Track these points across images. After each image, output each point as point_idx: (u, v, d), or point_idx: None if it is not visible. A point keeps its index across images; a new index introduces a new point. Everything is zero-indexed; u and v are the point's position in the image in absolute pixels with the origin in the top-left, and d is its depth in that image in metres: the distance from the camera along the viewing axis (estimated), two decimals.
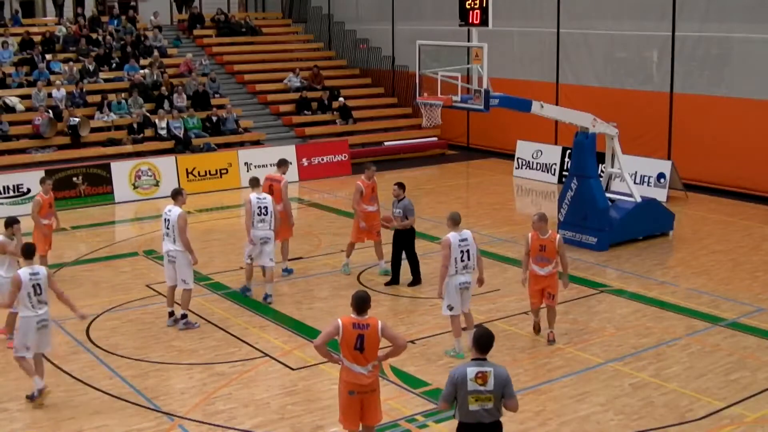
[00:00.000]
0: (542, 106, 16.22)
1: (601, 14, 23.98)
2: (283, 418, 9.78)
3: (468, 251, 11.30)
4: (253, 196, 13.61)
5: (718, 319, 12.83)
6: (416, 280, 14.46)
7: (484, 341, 7.23)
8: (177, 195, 12.75)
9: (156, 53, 27.85)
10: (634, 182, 18.99)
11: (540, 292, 11.85)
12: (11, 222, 12.13)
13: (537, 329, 12.19)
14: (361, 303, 8.04)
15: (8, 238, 11.91)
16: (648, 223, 17.28)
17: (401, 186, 14.26)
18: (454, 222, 11.44)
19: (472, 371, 7.13)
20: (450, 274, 11.25)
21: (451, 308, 11.37)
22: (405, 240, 14.36)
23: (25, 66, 25.63)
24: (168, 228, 12.43)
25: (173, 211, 12.44)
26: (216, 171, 22.89)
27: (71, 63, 25.51)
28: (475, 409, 7.13)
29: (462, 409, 7.18)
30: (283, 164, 15.23)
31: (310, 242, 17.13)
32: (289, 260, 15.59)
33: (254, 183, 13.90)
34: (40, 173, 20.53)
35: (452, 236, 11.27)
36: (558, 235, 11.84)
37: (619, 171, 17.36)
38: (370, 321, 8.02)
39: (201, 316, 12.98)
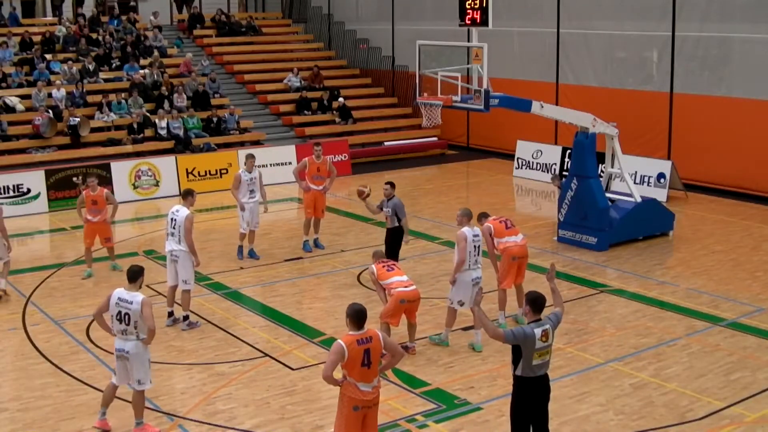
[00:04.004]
0: (542, 106, 16.21)
1: (601, 14, 23.97)
2: (283, 418, 9.78)
3: (478, 246, 11.53)
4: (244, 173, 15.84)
5: (718, 319, 12.82)
6: None
7: (539, 303, 7.96)
8: (187, 195, 12.81)
9: (156, 53, 27.84)
10: (634, 182, 18.99)
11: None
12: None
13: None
14: (362, 316, 7.83)
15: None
16: (648, 223, 17.27)
17: (392, 185, 14.02)
18: (469, 217, 11.60)
19: (538, 331, 7.84)
20: (464, 269, 11.39)
21: (462, 304, 11.50)
22: (395, 239, 14.04)
23: (25, 66, 25.61)
24: (174, 228, 12.45)
25: (181, 211, 12.47)
26: (216, 171, 22.88)
27: (71, 63, 25.50)
28: (537, 363, 7.89)
29: (527, 366, 7.87)
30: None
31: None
32: (289, 260, 15.65)
33: (247, 157, 16.01)
34: (41, 173, 20.61)
35: (467, 231, 11.45)
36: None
37: (619, 171, 17.36)
38: (371, 333, 7.84)
39: (201, 316, 12.97)
